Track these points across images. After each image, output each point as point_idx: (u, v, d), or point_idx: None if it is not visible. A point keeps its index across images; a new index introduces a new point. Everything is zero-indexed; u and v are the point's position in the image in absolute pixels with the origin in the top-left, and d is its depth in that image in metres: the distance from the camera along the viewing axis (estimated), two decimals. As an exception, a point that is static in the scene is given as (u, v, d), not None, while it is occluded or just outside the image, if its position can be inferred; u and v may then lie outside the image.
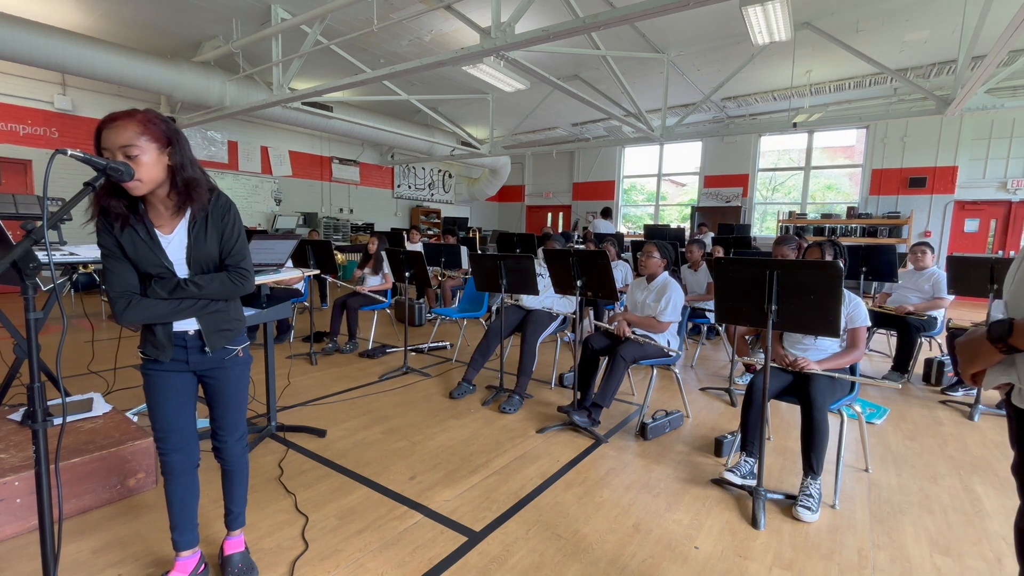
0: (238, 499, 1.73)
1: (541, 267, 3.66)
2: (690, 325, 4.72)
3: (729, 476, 2.32)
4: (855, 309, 2.44)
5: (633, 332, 3.14)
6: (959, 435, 3.09)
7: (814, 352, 2.52)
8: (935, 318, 4.18)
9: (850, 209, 10.17)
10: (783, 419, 3.27)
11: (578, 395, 3.15)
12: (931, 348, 4.94)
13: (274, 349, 2.81)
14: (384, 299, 4.90)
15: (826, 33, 6.27)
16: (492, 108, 9.47)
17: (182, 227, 1.47)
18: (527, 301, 3.83)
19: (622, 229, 13.02)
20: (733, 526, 2.08)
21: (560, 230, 13.49)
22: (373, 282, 5.05)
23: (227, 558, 1.72)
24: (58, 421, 1.67)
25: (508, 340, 3.90)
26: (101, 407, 2.48)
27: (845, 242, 4.47)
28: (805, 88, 8.51)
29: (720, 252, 5.92)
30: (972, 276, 3.63)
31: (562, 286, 3.24)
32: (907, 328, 4.08)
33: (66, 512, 1.99)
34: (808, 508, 2.13)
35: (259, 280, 2.48)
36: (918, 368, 4.29)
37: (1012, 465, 1.08)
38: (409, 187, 13.73)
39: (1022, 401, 0.99)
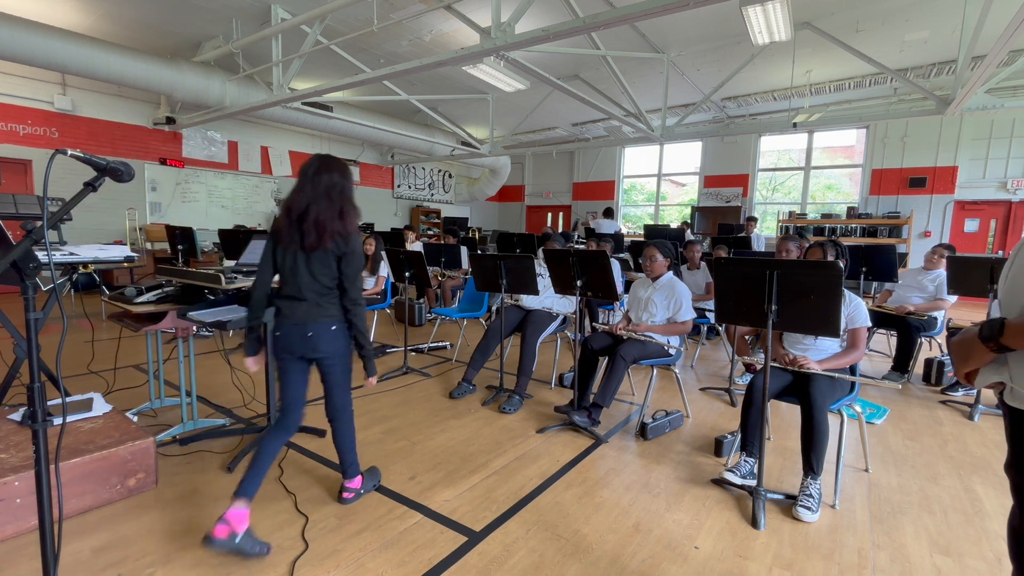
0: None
1: (541, 267, 3.66)
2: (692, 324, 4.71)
3: (729, 476, 2.32)
4: (855, 309, 2.44)
5: (633, 333, 3.13)
6: (959, 435, 3.09)
7: (814, 352, 2.52)
8: (935, 318, 4.18)
9: (850, 209, 10.18)
10: (783, 419, 3.27)
11: (577, 395, 3.15)
12: (931, 348, 4.94)
13: (274, 349, 2.80)
14: (384, 298, 4.90)
15: (826, 33, 6.27)
16: (492, 108, 9.47)
17: None
18: (527, 301, 3.83)
19: (623, 228, 13.01)
20: (733, 526, 2.08)
21: (560, 230, 13.48)
22: (369, 284, 5.05)
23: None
24: (58, 421, 1.67)
25: (508, 340, 3.90)
26: (101, 407, 2.48)
27: (845, 242, 4.47)
28: (805, 88, 8.51)
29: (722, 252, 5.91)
30: (972, 276, 3.63)
31: (562, 286, 3.24)
32: (907, 328, 4.08)
33: (66, 512, 1.99)
34: (808, 508, 2.13)
35: (259, 280, 2.47)
36: (918, 368, 4.29)
37: (1005, 463, 1.08)
38: (409, 187, 13.73)
39: (1014, 400, 1.00)
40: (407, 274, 4.21)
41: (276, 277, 2.05)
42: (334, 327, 1.97)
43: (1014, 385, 0.98)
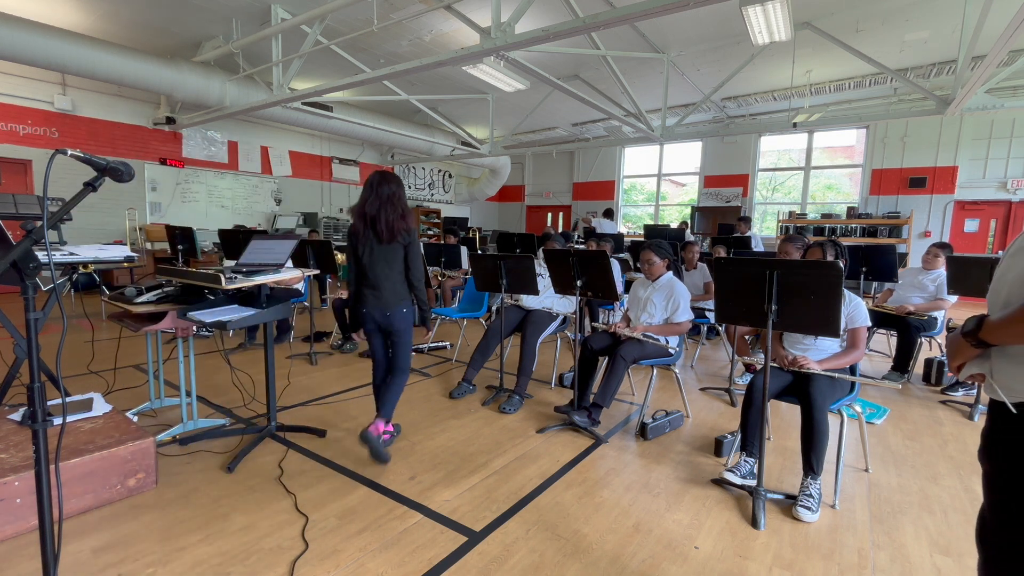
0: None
1: (541, 267, 3.66)
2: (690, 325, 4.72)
3: (729, 476, 2.32)
4: (855, 309, 2.44)
5: (631, 333, 3.13)
6: (959, 435, 3.09)
7: (814, 352, 2.52)
8: (935, 318, 4.18)
9: (850, 209, 10.18)
10: (783, 419, 3.27)
11: (577, 395, 3.15)
12: (931, 348, 4.94)
13: (274, 349, 2.81)
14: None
15: (826, 33, 6.27)
16: (492, 108, 9.47)
17: None
18: (527, 301, 3.83)
19: (622, 229, 13.03)
20: (733, 526, 2.08)
21: (560, 230, 13.49)
22: None
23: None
24: (58, 421, 1.67)
25: (508, 340, 3.90)
26: (101, 407, 2.48)
27: (845, 242, 4.48)
28: (805, 88, 8.51)
29: (721, 252, 5.92)
30: (972, 276, 3.63)
31: (562, 286, 3.24)
32: (907, 328, 4.08)
33: (66, 512, 1.99)
34: (808, 508, 2.13)
35: (259, 280, 2.48)
36: (918, 368, 4.29)
37: (978, 449, 1.12)
38: (409, 187, 13.73)
39: (992, 392, 1.04)
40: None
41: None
42: (405, 309, 2.60)
43: (994, 379, 1.03)
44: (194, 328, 2.58)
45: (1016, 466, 1.01)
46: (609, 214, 10.67)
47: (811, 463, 2.24)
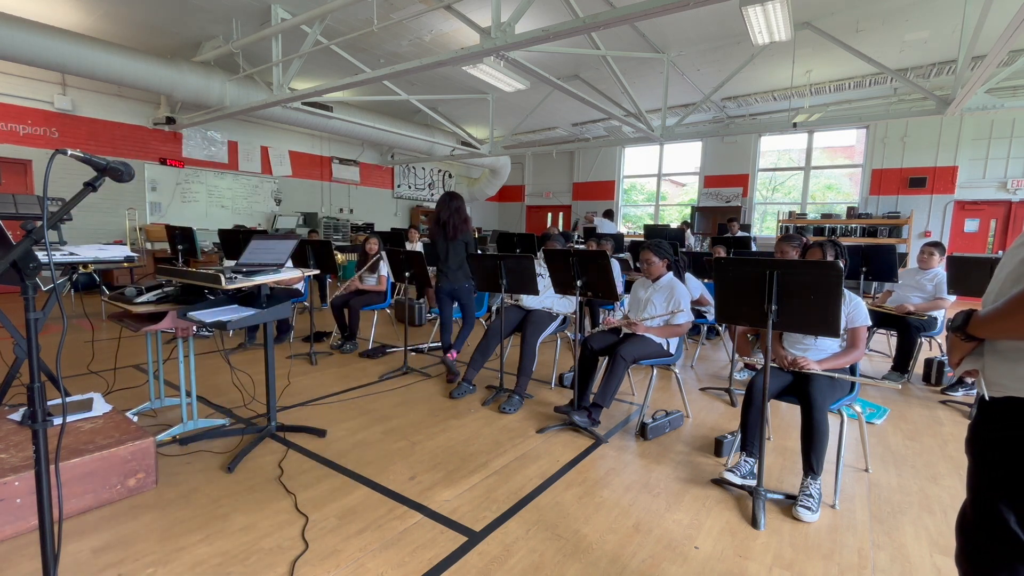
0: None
1: (541, 267, 3.66)
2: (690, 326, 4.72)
3: (729, 476, 2.32)
4: (855, 309, 2.44)
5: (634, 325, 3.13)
6: (959, 435, 3.09)
7: (814, 352, 2.52)
8: (935, 318, 4.18)
9: (850, 209, 10.18)
10: (783, 419, 3.27)
11: (577, 395, 3.15)
12: (931, 348, 4.94)
13: (274, 349, 2.81)
14: (384, 298, 4.92)
15: (826, 33, 6.27)
16: (492, 108, 9.47)
17: None
18: (527, 301, 3.83)
19: (622, 229, 13.03)
20: (733, 526, 2.08)
21: (560, 230, 13.49)
22: (370, 283, 5.07)
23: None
24: (58, 421, 1.67)
25: (508, 340, 3.90)
26: (101, 407, 2.48)
27: (845, 242, 4.47)
28: (805, 88, 8.51)
29: (720, 252, 5.91)
30: (972, 276, 3.63)
31: (562, 286, 3.24)
32: (907, 328, 4.08)
33: (66, 512, 1.99)
34: (808, 508, 2.13)
35: (259, 280, 2.48)
36: (918, 368, 4.29)
37: (965, 439, 1.15)
38: (409, 187, 13.73)
39: (982, 386, 1.07)
40: (407, 274, 4.22)
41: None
42: (467, 284, 3.97)
43: (985, 374, 1.06)
44: (194, 328, 2.58)
45: (996, 461, 1.04)
46: (609, 215, 10.68)
47: (811, 463, 2.24)
